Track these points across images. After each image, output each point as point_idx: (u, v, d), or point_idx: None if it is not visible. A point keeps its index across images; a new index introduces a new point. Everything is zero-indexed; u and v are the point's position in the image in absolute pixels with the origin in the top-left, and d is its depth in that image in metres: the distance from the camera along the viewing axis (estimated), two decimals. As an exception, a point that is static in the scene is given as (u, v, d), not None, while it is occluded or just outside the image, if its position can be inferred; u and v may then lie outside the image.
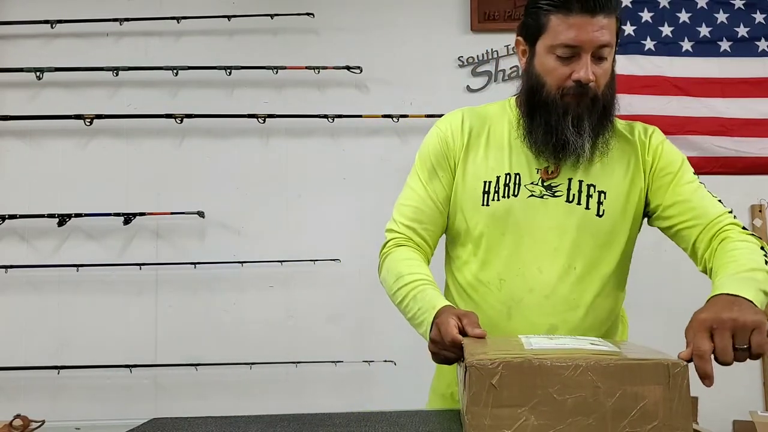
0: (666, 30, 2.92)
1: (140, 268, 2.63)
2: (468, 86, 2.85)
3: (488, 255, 1.27)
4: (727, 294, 1.00)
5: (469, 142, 1.30)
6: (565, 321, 1.23)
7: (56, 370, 2.56)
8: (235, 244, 2.72)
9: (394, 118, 2.70)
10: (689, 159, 3.06)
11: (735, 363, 0.93)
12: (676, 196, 1.28)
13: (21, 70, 2.66)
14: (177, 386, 2.65)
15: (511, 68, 2.86)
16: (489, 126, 1.31)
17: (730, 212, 1.28)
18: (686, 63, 2.90)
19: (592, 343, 0.96)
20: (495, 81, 2.86)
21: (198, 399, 2.65)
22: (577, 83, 1.18)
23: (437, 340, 1.09)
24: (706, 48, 2.91)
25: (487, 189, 1.26)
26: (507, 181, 1.26)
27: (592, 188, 1.25)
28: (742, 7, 2.93)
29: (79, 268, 2.61)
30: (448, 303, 1.17)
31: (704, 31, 2.92)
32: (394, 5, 2.87)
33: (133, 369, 2.58)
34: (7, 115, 2.68)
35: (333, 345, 2.64)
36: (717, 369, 2.73)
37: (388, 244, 1.33)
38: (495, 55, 2.86)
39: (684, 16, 2.93)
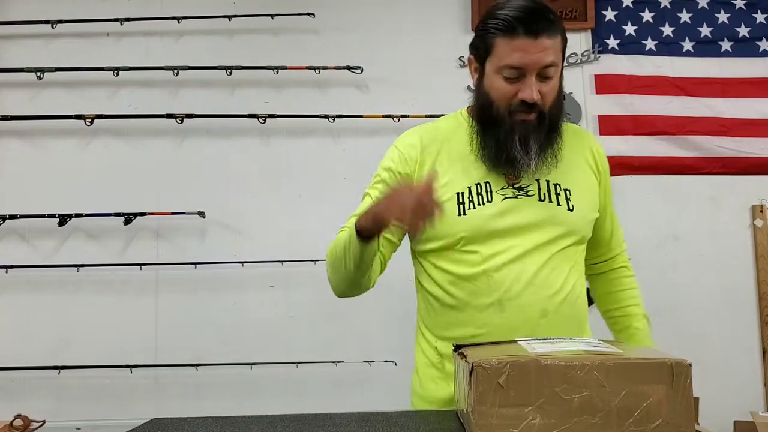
0: (667, 30, 2.92)
1: (141, 268, 2.63)
2: (469, 86, 2.85)
3: (471, 256, 1.30)
4: None
5: (430, 159, 1.35)
6: (553, 304, 1.29)
7: (57, 370, 2.56)
8: (236, 244, 2.72)
9: (394, 118, 2.70)
10: (690, 159, 3.09)
11: (736, 364, 0.96)
12: (605, 212, 1.44)
13: (21, 70, 2.66)
14: (177, 386, 2.65)
15: (511, 68, 2.87)
16: (447, 140, 1.37)
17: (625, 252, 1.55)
18: (687, 63, 2.90)
19: (594, 345, 0.96)
20: (496, 81, 2.86)
21: (198, 399, 2.65)
22: (522, 102, 1.25)
23: (387, 201, 1.14)
24: (706, 48, 2.91)
25: (461, 200, 1.31)
26: (479, 190, 1.32)
27: (558, 187, 1.34)
28: (743, 7, 2.93)
29: (80, 268, 2.61)
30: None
31: (705, 31, 2.92)
32: (394, 5, 2.88)
33: (133, 369, 2.58)
34: (7, 115, 2.68)
35: (333, 345, 2.64)
36: (718, 369, 2.73)
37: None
38: (496, 55, 2.86)
39: (685, 16, 2.93)
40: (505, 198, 1.31)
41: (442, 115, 2.84)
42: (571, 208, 1.32)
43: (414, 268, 1.45)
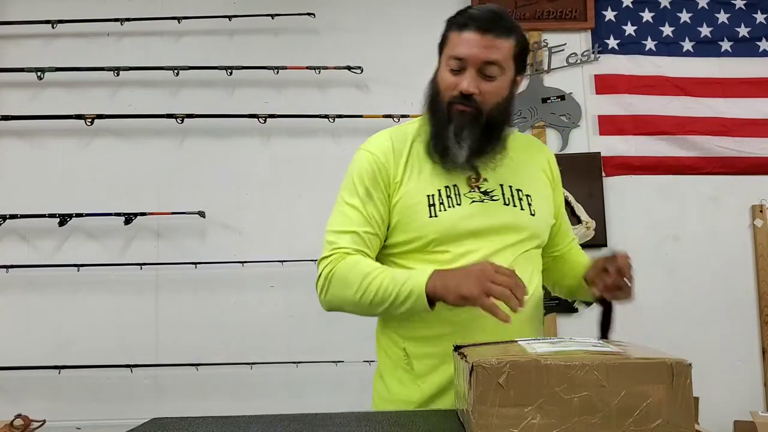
0: (667, 30, 2.92)
1: (141, 268, 2.63)
2: (469, 86, 2.85)
3: (441, 256, 1.32)
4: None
5: (402, 162, 1.37)
6: (523, 311, 1.30)
7: (57, 370, 2.56)
8: (236, 244, 2.72)
9: (395, 118, 2.70)
10: (690, 159, 3.09)
11: (736, 364, 0.97)
12: (560, 217, 1.51)
13: (22, 70, 2.66)
14: (177, 386, 2.65)
15: (511, 68, 2.87)
16: (414, 143, 1.39)
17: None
18: (687, 63, 2.90)
19: (593, 345, 0.96)
20: (496, 81, 2.86)
21: (198, 399, 2.65)
22: (461, 94, 1.29)
23: (487, 272, 1.14)
24: (706, 48, 2.91)
25: (432, 202, 1.33)
26: (448, 193, 1.34)
27: (520, 192, 1.38)
28: (743, 7, 2.93)
29: (80, 267, 2.61)
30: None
31: (705, 31, 2.92)
32: (394, 5, 2.88)
33: (133, 369, 2.58)
34: (8, 115, 2.68)
35: (333, 345, 2.64)
36: (718, 369, 2.72)
37: (332, 258, 1.33)
38: (496, 55, 2.86)
39: (685, 16, 2.93)
40: (473, 201, 1.34)
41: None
42: (533, 212, 1.37)
43: None
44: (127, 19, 2.72)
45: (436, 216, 1.32)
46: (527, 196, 1.38)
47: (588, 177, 2.78)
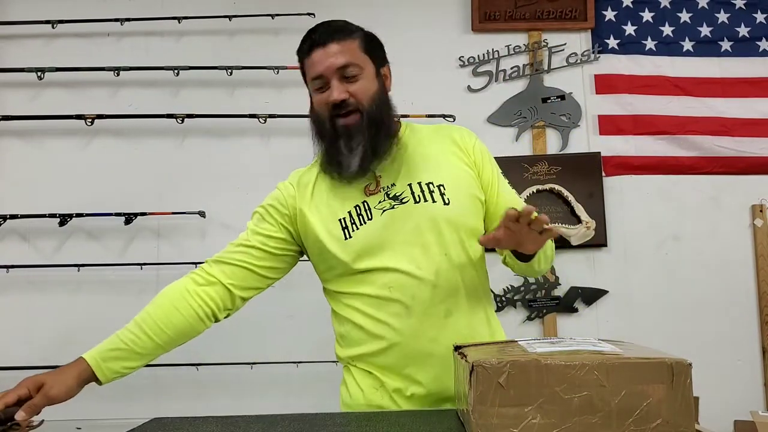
0: (667, 30, 2.92)
1: (141, 268, 2.63)
2: (469, 86, 2.85)
3: (367, 276, 1.35)
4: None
5: (306, 197, 1.43)
6: (456, 304, 1.34)
7: (57, 370, 2.56)
8: (236, 244, 2.71)
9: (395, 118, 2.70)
10: (690, 159, 3.09)
11: (736, 364, 0.96)
12: (494, 196, 1.45)
13: (22, 70, 2.66)
14: (178, 386, 2.65)
15: (512, 68, 2.87)
16: (316, 178, 1.45)
17: None
18: (687, 63, 2.90)
19: (593, 344, 0.96)
20: (496, 81, 2.86)
21: (199, 399, 2.65)
22: (334, 105, 1.33)
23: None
24: (706, 48, 2.91)
25: (345, 225, 1.36)
26: (359, 211, 1.37)
27: (431, 185, 1.37)
28: (743, 7, 2.93)
29: (80, 268, 2.61)
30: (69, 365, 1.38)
31: (705, 30, 2.92)
32: (394, 5, 2.88)
33: (133, 369, 2.57)
34: (8, 115, 2.68)
35: (333, 345, 2.64)
36: (718, 369, 2.72)
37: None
38: (496, 55, 2.87)
39: (685, 16, 2.93)
40: (384, 211, 1.35)
41: (443, 115, 2.84)
42: (446, 201, 1.36)
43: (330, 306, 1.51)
44: (127, 19, 2.72)
45: (351, 237, 1.35)
46: (439, 186, 1.37)
47: (588, 177, 2.77)
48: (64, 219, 2.58)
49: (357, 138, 1.34)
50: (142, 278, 2.67)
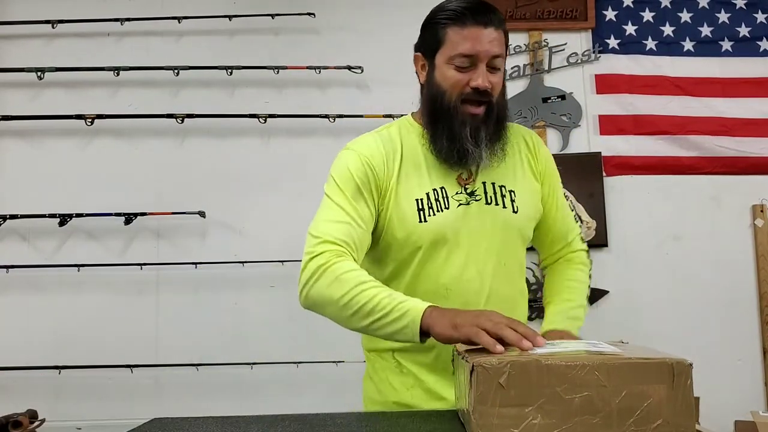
0: (667, 30, 2.92)
1: (141, 268, 2.63)
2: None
3: (425, 269, 1.31)
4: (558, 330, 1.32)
5: (392, 165, 1.32)
6: (502, 311, 1.26)
7: (57, 370, 2.56)
8: (236, 244, 2.72)
9: (395, 118, 2.69)
10: (690, 159, 3.08)
11: (737, 364, 0.96)
12: (553, 208, 1.45)
13: (22, 70, 2.66)
14: (178, 386, 2.65)
15: (512, 68, 2.87)
16: (401, 147, 1.35)
17: (580, 234, 1.54)
18: (687, 63, 2.90)
19: (594, 345, 0.96)
20: (496, 81, 2.86)
21: (199, 399, 2.65)
22: (475, 90, 1.26)
23: (496, 319, 1.02)
24: (707, 48, 2.91)
25: (421, 206, 1.30)
26: (437, 196, 1.31)
27: (503, 188, 1.35)
28: (744, 7, 2.93)
29: (80, 268, 2.61)
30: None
31: (705, 30, 2.92)
32: (394, 5, 2.87)
33: (134, 369, 2.58)
34: (8, 115, 2.68)
35: (334, 345, 2.64)
36: (719, 369, 2.72)
37: (323, 254, 1.22)
38: (496, 55, 2.86)
39: (685, 16, 2.93)
40: (460, 204, 1.31)
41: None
42: (515, 210, 1.34)
43: None
44: (127, 19, 2.72)
45: (425, 221, 1.29)
46: (510, 192, 1.35)
47: (588, 177, 2.77)
48: (64, 219, 2.58)
49: (483, 130, 1.29)
50: (142, 278, 2.67)
